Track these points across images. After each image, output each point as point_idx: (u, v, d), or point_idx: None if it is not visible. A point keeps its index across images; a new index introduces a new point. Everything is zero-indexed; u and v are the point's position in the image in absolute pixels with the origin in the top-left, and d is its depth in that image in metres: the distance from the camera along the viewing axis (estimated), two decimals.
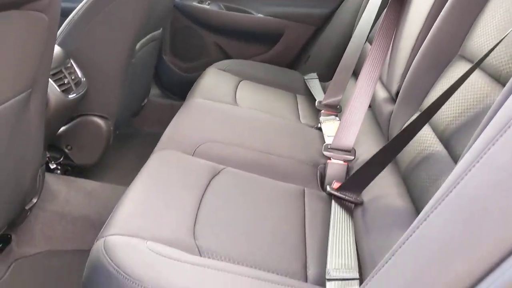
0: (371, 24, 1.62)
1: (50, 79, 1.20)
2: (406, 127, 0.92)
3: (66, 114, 1.33)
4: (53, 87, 1.20)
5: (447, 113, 0.90)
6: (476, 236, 0.43)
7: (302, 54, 2.14)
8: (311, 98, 1.76)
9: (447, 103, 0.87)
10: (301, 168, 1.22)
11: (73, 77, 1.31)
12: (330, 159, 1.23)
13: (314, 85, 1.84)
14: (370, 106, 1.50)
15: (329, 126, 1.46)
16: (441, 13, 1.08)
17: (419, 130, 0.93)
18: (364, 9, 1.69)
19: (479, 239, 0.42)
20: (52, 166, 1.55)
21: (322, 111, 1.58)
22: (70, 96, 1.25)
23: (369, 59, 1.23)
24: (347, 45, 1.66)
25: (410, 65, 1.13)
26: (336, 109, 1.60)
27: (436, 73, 1.04)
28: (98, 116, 1.51)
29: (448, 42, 1.05)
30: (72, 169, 1.60)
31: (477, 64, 0.83)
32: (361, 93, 1.22)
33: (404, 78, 1.14)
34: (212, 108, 1.44)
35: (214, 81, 1.69)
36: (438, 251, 0.46)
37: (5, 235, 1.26)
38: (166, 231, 0.84)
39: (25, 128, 1.03)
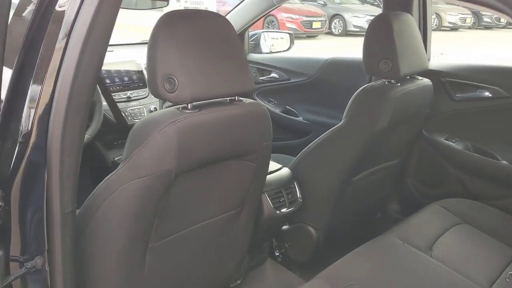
0: None
1: (267, 197, 1.63)
2: None
3: (276, 223, 1.74)
4: (268, 203, 1.62)
5: None
6: None
7: None
8: None
9: None
10: None
11: (289, 197, 1.71)
12: None
13: None
14: None
15: None
16: None
17: None
18: None
19: None
20: (276, 253, 1.99)
21: None
22: (278, 212, 1.65)
23: None
24: None
25: None
26: None
27: None
28: (311, 226, 1.85)
29: None
30: (289, 260, 2.00)
31: None
32: None
33: None
34: (393, 249, 1.54)
35: (424, 219, 1.76)
36: None
37: None
38: None
39: (233, 233, 1.45)
